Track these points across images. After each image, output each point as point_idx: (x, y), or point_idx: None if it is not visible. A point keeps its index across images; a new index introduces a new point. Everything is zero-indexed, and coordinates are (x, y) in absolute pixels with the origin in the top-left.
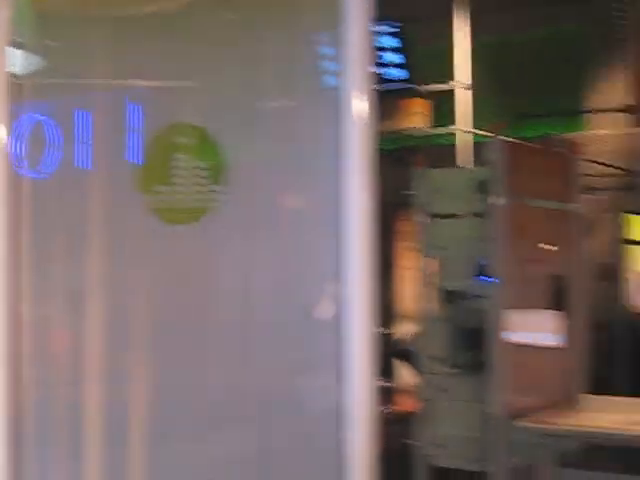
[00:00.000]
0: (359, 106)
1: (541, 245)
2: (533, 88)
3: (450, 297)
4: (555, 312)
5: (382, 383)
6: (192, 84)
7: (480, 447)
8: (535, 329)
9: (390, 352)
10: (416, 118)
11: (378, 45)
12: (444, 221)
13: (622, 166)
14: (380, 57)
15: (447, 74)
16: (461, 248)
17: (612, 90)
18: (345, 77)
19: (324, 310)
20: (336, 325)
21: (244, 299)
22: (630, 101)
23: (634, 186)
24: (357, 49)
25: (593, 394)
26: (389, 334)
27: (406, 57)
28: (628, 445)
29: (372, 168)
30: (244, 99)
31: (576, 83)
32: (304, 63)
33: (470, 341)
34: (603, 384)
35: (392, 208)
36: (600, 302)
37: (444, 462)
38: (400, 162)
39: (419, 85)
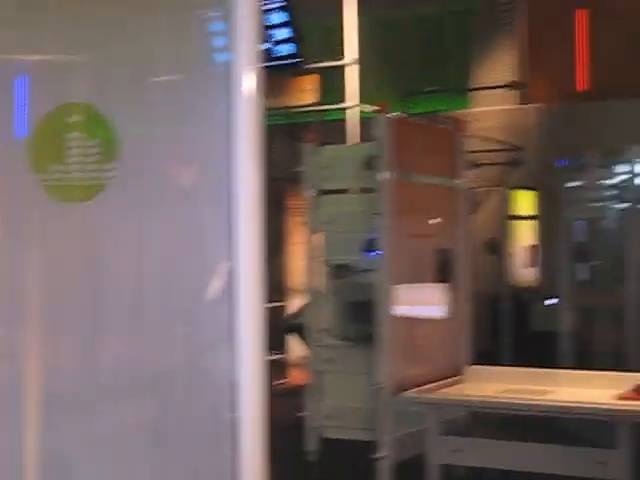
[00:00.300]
0: (249, 82)
1: (428, 220)
2: (421, 65)
3: (339, 271)
4: (441, 285)
5: (275, 357)
6: (81, 59)
7: (369, 418)
8: (422, 302)
9: (282, 326)
10: (306, 94)
11: (268, 21)
12: (333, 197)
13: (508, 142)
14: (270, 34)
15: (337, 50)
16: (350, 223)
17: (498, 67)
18: (235, 53)
19: (216, 286)
20: (228, 300)
21: (137, 275)
22: (515, 78)
23: (519, 161)
24: (247, 24)
25: (479, 364)
26: (281, 308)
27: (295, 32)
28: (507, 413)
29: (262, 144)
30: (135, 75)
31: (463, 60)
32: (194, 38)
33: (359, 314)
34: (489, 355)
35: (283, 184)
36: (486, 275)
37: (334, 433)
38: (290, 138)
39: (308, 61)
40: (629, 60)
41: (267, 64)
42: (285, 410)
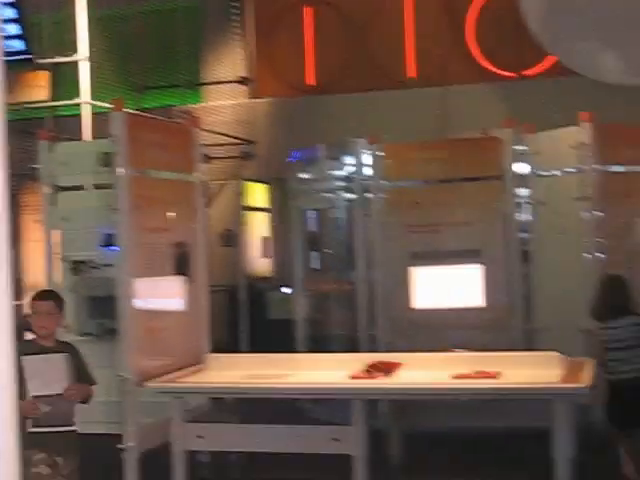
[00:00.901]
0: None
1: (165, 214)
2: (152, 60)
3: (78, 267)
4: (180, 278)
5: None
6: None
7: (115, 410)
8: (161, 295)
9: (21, 325)
10: (37, 91)
11: None
12: (70, 193)
13: (240, 135)
14: None
15: (68, 46)
16: (87, 219)
17: (229, 62)
18: None
19: None
20: None
21: None
22: (245, 72)
23: (252, 155)
24: None
25: (220, 352)
26: (19, 307)
27: (25, 29)
28: (246, 397)
29: (4, 142)
30: None
31: (194, 56)
32: None
33: (99, 309)
34: (229, 343)
35: (17, 181)
36: (223, 267)
37: (82, 428)
38: (23, 135)
39: (39, 57)
40: (353, 55)
41: None
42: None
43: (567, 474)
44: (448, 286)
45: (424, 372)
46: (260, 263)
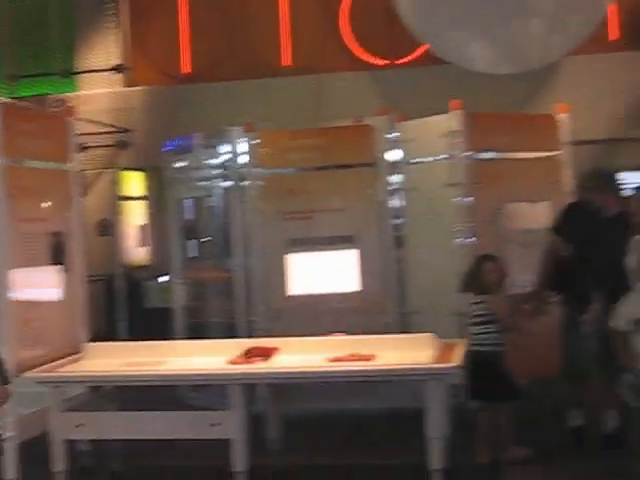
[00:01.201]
0: None
1: (41, 204)
2: (26, 48)
3: None
4: (56, 267)
5: None
6: None
7: None
8: (37, 285)
9: None
10: None
11: None
12: None
13: (115, 124)
14: None
15: None
16: None
17: (103, 50)
18: None
19: None
20: None
21: None
22: (120, 60)
23: (127, 143)
24: None
25: (98, 342)
26: None
27: None
28: (124, 385)
29: None
30: None
31: (68, 43)
32: None
33: None
34: (107, 332)
35: None
36: (100, 256)
37: None
38: None
39: None
40: (229, 43)
41: None
42: None
43: (440, 452)
44: (324, 272)
45: (301, 356)
46: (137, 252)
